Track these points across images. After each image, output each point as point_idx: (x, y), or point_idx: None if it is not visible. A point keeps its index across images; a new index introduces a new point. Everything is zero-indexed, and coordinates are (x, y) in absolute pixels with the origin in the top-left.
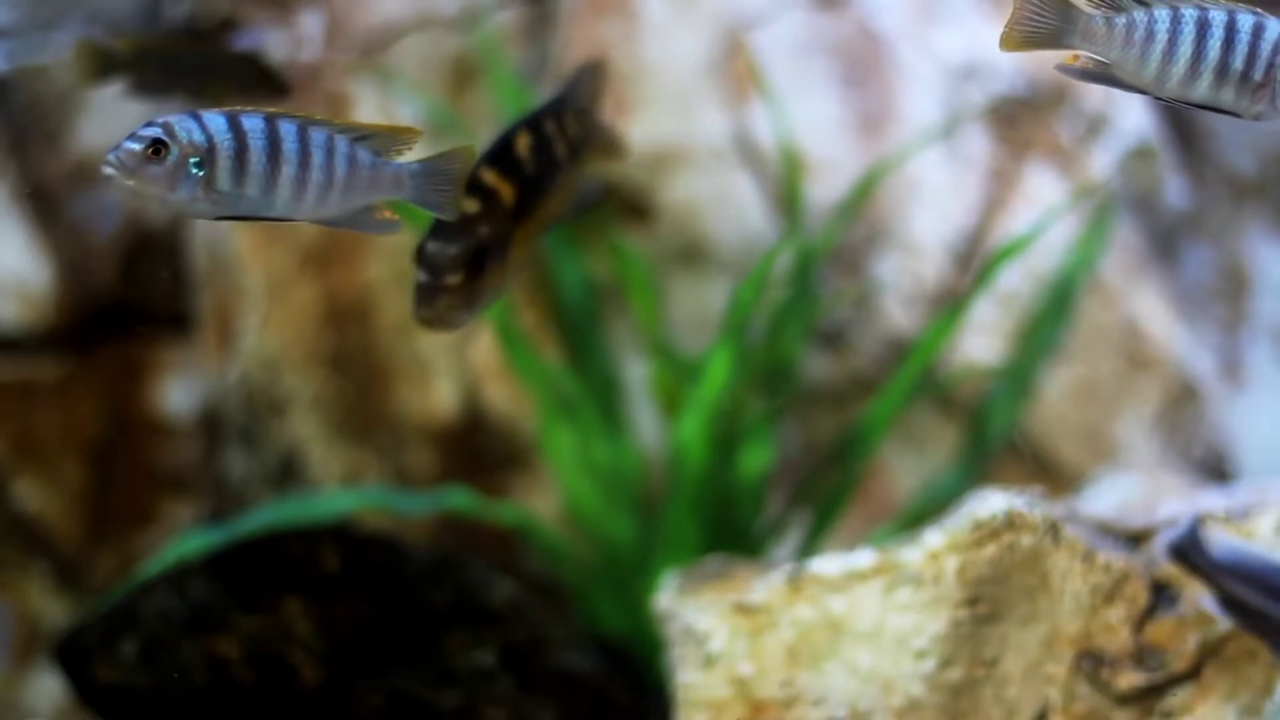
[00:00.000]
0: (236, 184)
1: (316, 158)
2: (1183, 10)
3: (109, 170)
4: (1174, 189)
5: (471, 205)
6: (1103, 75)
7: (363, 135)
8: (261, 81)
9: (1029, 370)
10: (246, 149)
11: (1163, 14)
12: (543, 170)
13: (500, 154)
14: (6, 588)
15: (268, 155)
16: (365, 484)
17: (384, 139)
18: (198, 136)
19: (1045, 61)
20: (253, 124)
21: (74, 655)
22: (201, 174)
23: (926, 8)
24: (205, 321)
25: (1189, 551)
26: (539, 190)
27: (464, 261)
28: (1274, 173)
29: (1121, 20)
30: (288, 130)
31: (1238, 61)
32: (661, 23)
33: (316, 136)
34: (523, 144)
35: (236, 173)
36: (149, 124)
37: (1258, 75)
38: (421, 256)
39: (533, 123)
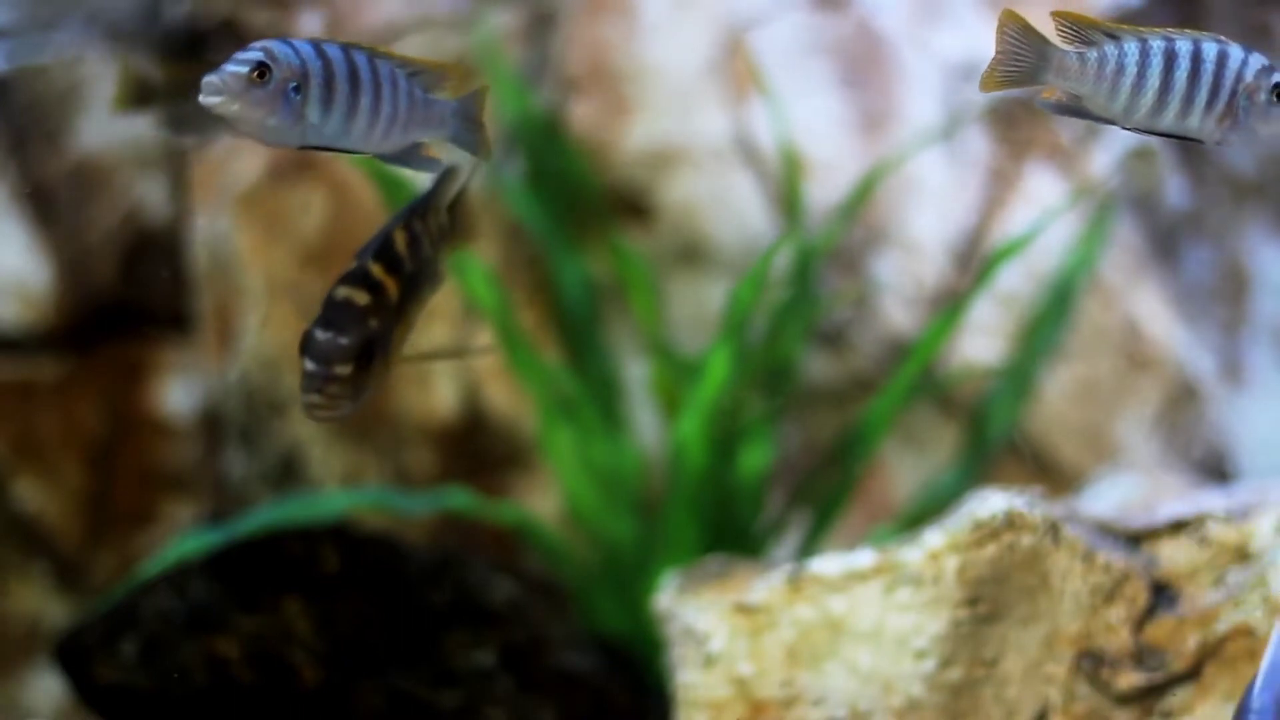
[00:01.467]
0: (324, 111)
1: (386, 90)
2: (1151, 42)
3: (212, 96)
4: (1174, 189)
5: (362, 297)
6: (1076, 109)
7: (415, 70)
8: None
9: (1029, 370)
10: (334, 76)
11: (1131, 47)
12: (418, 267)
13: (384, 250)
14: (7, 588)
15: (350, 84)
16: (365, 484)
17: (431, 75)
18: (294, 61)
19: None
20: (334, 53)
21: (74, 655)
22: (297, 99)
23: (926, 8)
24: (205, 321)
25: None
26: (416, 286)
27: (355, 353)
28: (1274, 173)
29: (1093, 55)
30: (362, 60)
31: (1203, 90)
32: (661, 23)
33: (383, 69)
34: (401, 241)
35: (324, 100)
36: (247, 48)
37: (1221, 103)
38: (311, 346)
39: (406, 221)
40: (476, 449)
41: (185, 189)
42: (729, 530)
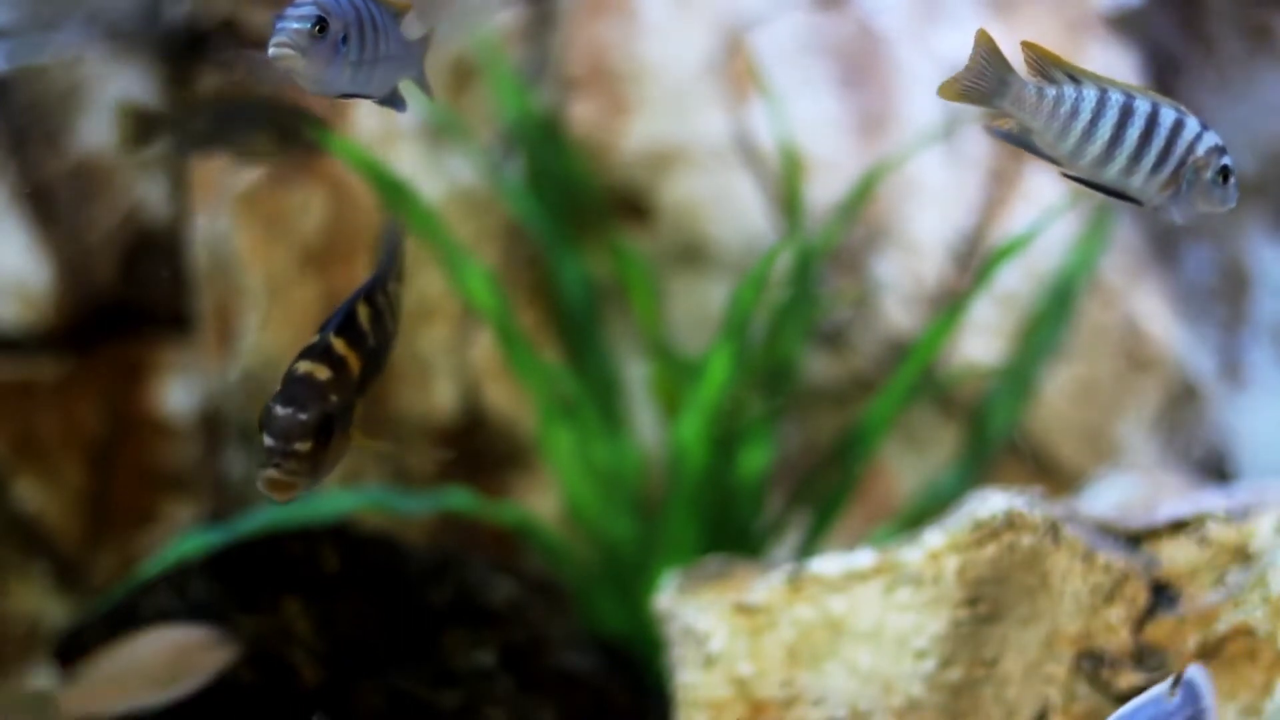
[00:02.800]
0: (359, 58)
1: (384, 34)
2: (1110, 94)
3: (280, 50)
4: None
5: (322, 372)
6: (1024, 141)
7: (391, 11)
8: (299, 123)
9: (1029, 370)
10: (364, 24)
11: (1090, 94)
12: (380, 340)
13: (347, 324)
14: (7, 588)
15: (373, 31)
16: (365, 484)
17: (397, 13)
18: (342, 12)
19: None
20: (359, 1)
21: (74, 655)
22: (345, 49)
23: (926, 8)
24: (205, 321)
25: None
26: (377, 361)
27: (315, 429)
28: (1274, 173)
29: (1051, 92)
30: (374, 7)
31: (1152, 154)
32: (661, 23)
33: (378, 14)
34: (363, 315)
35: (360, 48)
36: (300, 4)
37: (1168, 171)
38: (270, 422)
39: (368, 294)
40: (476, 449)
41: (185, 189)
42: (729, 530)
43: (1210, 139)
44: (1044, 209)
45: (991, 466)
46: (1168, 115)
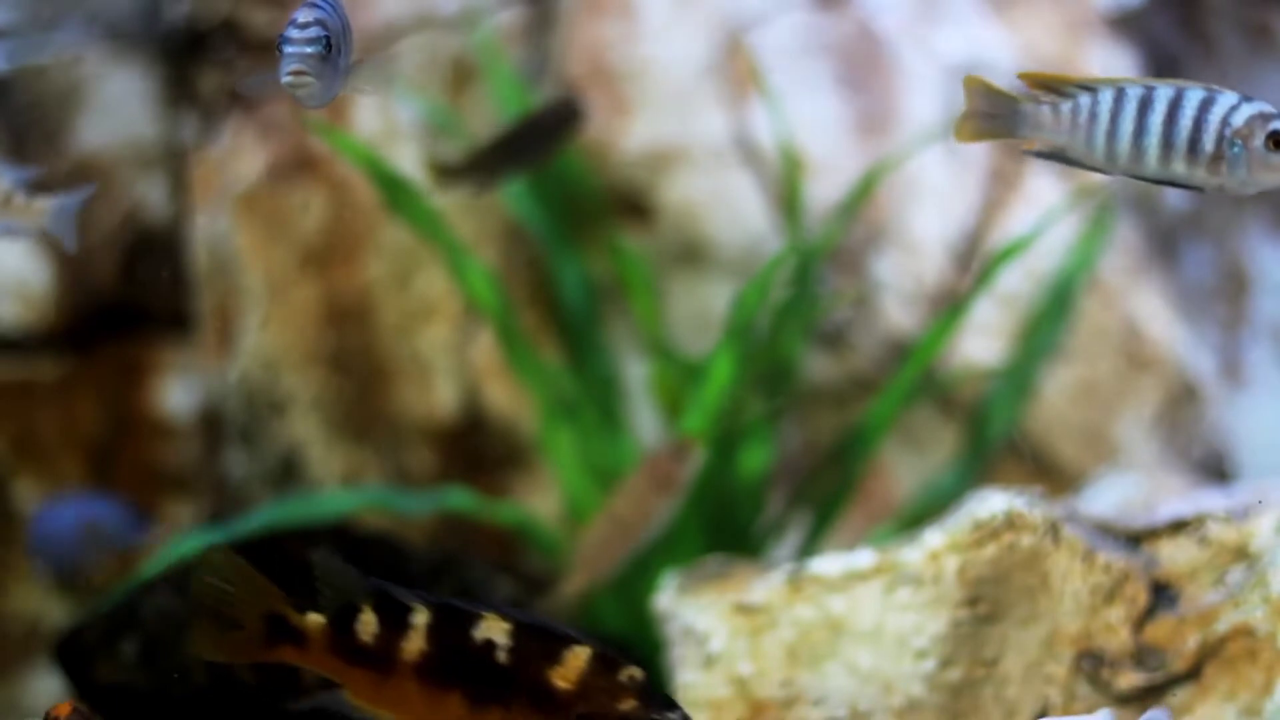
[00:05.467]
0: (345, 61)
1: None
2: (1127, 89)
3: (297, 79)
4: (1174, 189)
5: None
6: (1061, 157)
7: None
8: (573, 119)
9: (1029, 370)
10: (344, 23)
11: (1106, 95)
12: None
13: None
14: (7, 588)
15: (344, 35)
16: (365, 484)
17: None
18: (334, 22)
19: (1046, 62)
20: (329, 1)
21: (74, 655)
22: (338, 58)
23: (926, 8)
24: (205, 321)
25: None
26: None
27: None
28: None
29: (1066, 106)
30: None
31: (1182, 135)
32: (661, 23)
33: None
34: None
35: (347, 51)
36: (304, 25)
37: (1208, 148)
38: None
39: None
40: (476, 449)
41: (185, 189)
42: (729, 530)
43: (1249, 109)
44: (1044, 209)
45: (991, 466)
46: (1193, 95)
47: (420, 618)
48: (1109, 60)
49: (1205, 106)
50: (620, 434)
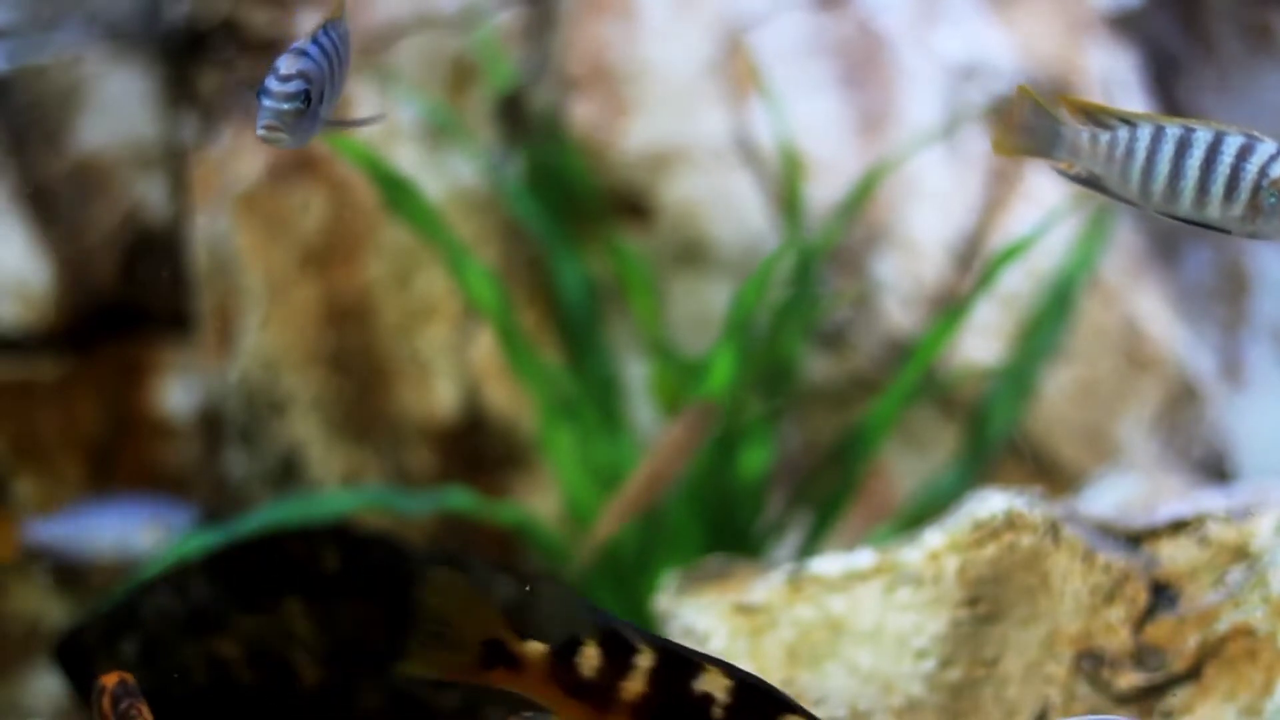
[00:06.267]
0: (330, 102)
1: (342, 54)
2: (1166, 129)
3: (271, 134)
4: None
5: None
6: (1095, 184)
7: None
8: None
9: (1029, 370)
10: (333, 68)
11: (1145, 132)
12: None
13: None
14: (7, 588)
15: (340, 63)
16: (365, 484)
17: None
18: (321, 74)
19: (1045, 62)
20: (327, 43)
21: (74, 655)
22: (320, 105)
23: (926, 8)
24: (205, 321)
25: None
26: None
27: None
28: None
29: (1105, 137)
30: (332, 34)
31: (1218, 181)
32: (661, 23)
33: (335, 37)
34: None
35: (332, 95)
36: (286, 78)
37: (1243, 196)
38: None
39: None
40: (476, 449)
41: (185, 189)
42: (729, 530)
43: None
44: (1045, 209)
45: (991, 466)
46: (1232, 141)
47: (644, 660)
48: (1109, 60)
49: (1244, 154)
50: (620, 434)
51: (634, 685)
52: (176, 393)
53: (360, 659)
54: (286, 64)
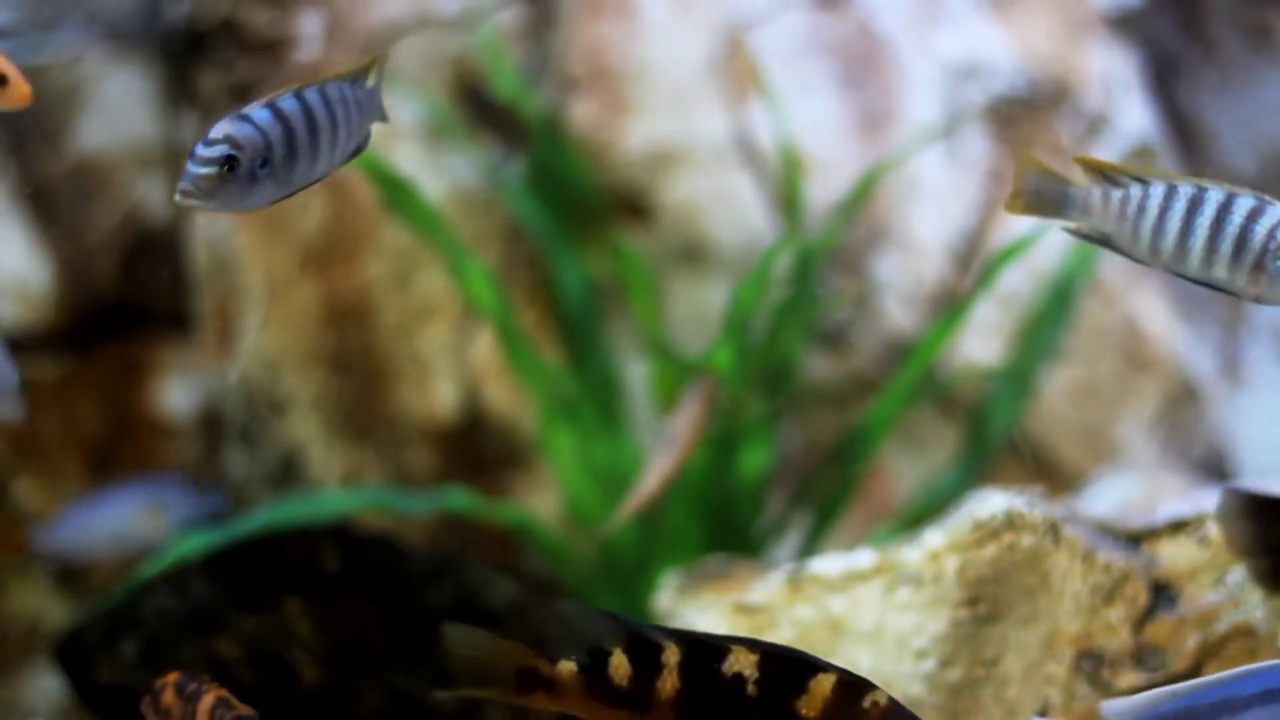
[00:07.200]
0: (289, 169)
1: (339, 113)
2: (1179, 188)
3: (185, 199)
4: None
5: None
6: (1106, 241)
7: (351, 76)
8: None
9: (1029, 370)
10: (295, 135)
11: (1157, 190)
12: None
13: None
14: (7, 588)
15: (309, 131)
16: (365, 484)
17: (360, 72)
18: (258, 139)
19: (1045, 62)
20: (290, 107)
21: (74, 655)
22: (265, 172)
23: (926, 8)
24: (205, 321)
25: None
26: None
27: None
28: (1274, 172)
29: (1117, 195)
30: (315, 100)
31: (1226, 242)
32: (661, 23)
33: (333, 93)
34: None
35: (288, 161)
36: (211, 142)
37: (1250, 258)
38: None
39: None
40: (476, 449)
41: None
42: (729, 530)
43: None
44: None
45: (991, 466)
46: (1243, 203)
47: (671, 656)
48: (1109, 60)
49: (1253, 216)
50: (620, 434)
51: (668, 682)
52: (176, 393)
53: (360, 659)
54: (218, 129)
